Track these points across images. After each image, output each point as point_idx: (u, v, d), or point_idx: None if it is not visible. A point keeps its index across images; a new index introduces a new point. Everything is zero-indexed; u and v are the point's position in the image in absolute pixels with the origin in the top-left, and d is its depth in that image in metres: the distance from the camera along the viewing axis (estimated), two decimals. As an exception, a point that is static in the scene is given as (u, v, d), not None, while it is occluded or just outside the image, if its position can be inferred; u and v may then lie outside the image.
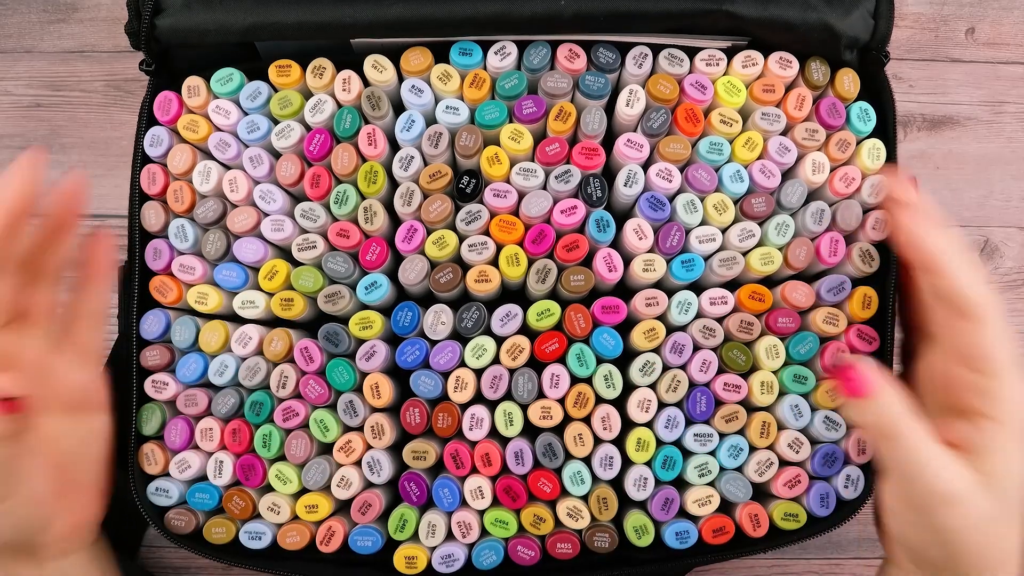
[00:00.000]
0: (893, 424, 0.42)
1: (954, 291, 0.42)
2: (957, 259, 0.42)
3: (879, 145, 0.52)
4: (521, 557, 0.52)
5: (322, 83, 0.51)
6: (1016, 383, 0.42)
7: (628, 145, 0.50)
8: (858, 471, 0.53)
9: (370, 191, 0.50)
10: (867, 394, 0.42)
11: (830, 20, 0.49)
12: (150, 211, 0.52)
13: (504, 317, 0.50)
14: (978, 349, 0.42)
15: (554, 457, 0.51)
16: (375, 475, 0.51)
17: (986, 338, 0.42)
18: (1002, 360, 0.42)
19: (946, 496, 0.41)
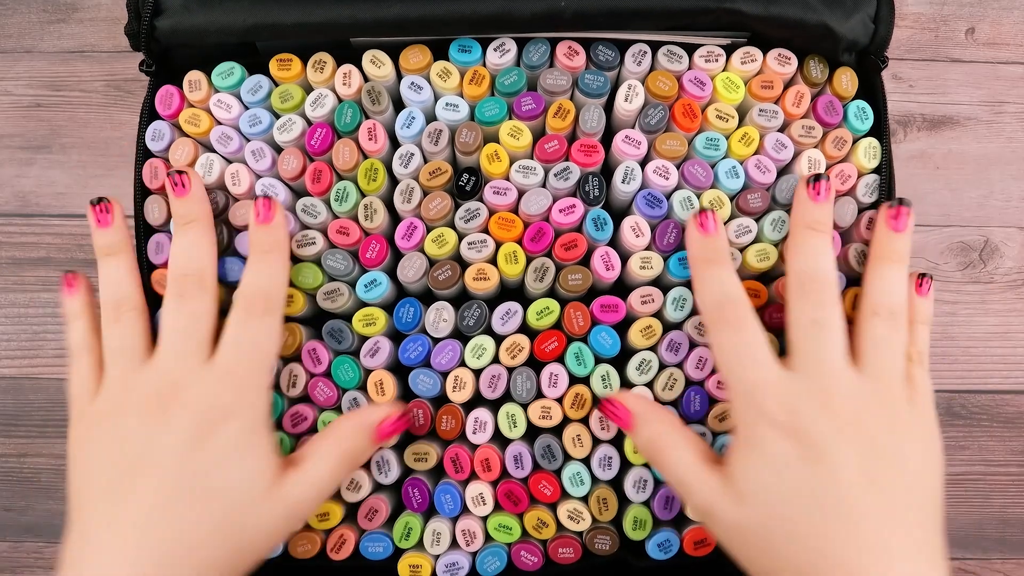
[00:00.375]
0: (656, 449, 0.46)
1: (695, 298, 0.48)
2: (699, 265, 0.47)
3: (875, 144, 0.52)
4: (524, 562, 0.52)
5: (323, 77, 0.51)
6: (733, 386, 0.45)
7: (626, 142, 0.50)
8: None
9: (370, 188, 0.50)
10: (630, 425, 0.47)
11: (830, 23, 0.49)
12: (152, 205, 0.52)
13: (504, 315, 0.50)
14: (717, 364, 0.46)
15: (553, 459, 0.51)
16: (383, 475, 0.51)
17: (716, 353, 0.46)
18: (718, 367, 0.46)
19: (703, 510, 0.45)
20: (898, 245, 0.47)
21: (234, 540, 0.43)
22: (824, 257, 0.46)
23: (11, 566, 0.68)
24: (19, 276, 0.70)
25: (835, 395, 0.43)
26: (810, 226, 0.46)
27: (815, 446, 0.42)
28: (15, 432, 0.69)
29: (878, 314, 0.45)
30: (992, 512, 0.68)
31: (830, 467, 0.42)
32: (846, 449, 0.42)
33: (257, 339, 0.46)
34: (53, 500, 0.68)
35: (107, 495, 0.42)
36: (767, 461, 0.43)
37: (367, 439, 0.47)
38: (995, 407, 0.69)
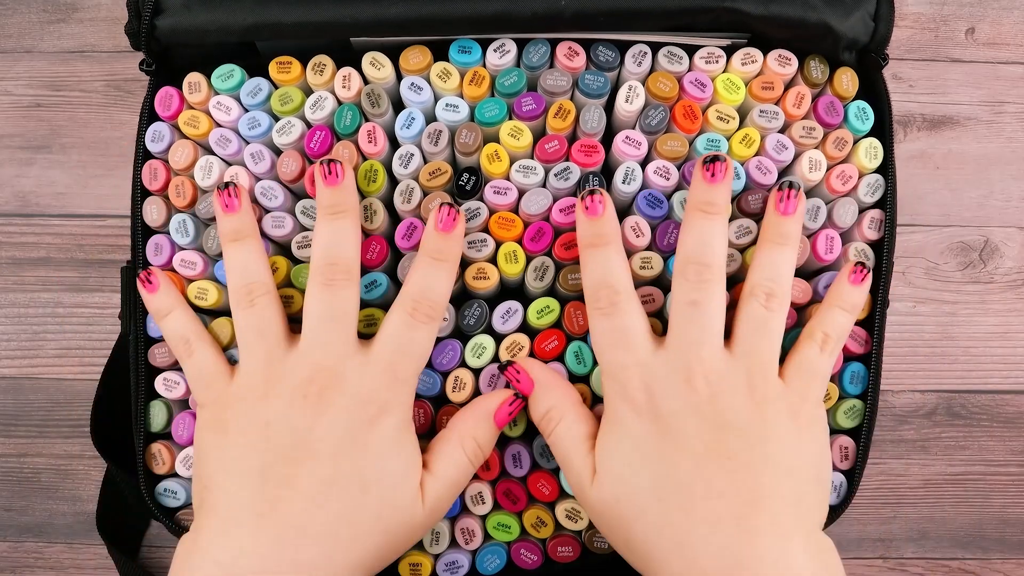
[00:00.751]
0: (549, 420, 0.47)
1: None
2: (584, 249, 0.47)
3: (876, 144, 0.52)
4: (524, 561, 0.52)
5: (322, 80, 0.51)
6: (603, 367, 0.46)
7: (626, 142, 0.50)
8: (841, 477, 0.53)
9: (370, 190, 0.50)
10: (528, 391, 0.48)
11: (830, 21, 0.49)
12: (151, 207, 0.52)
13: (505, 314, 0.50)
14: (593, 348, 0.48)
15: (551, 458, 0.51)
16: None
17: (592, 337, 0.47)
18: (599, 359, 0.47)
19: (574, 487, 0.46)
20: (785, 228, 0.46)
21: (385, 534, 0.44)
22: (712, 239, 0.45)
23: (11, 566, 0.68)
24: (19, 276, 0.69)
25: (697, 373, 0.43)
26: (700, 208, 0.46)
27: (668, 424, 0.43)
28: (15, 432, 0.69)
29: (754, 295, 0.45)
30: (992, 512, 0.68)
31: (682, 443, 0.42)
32: (698, 425, 0.42)
33: (416, 341, 0.46)
34: (53, 500, 0.68)
35: (258, 481, 0.42)
36: (622, 440, 0.44)
37: (489, 426, 0.48)
38: (995, 407, 0.69)
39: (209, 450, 0.45)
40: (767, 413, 0.43)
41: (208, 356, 0.47)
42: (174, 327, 0.49)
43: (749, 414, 0.43)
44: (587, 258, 0.46)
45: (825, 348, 0.46)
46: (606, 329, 0.45)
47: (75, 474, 0.68)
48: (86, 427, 0.55)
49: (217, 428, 0.45)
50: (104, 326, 0.68)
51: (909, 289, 0.69)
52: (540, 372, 0.48)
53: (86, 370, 0.69)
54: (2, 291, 0.69)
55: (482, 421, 0.48)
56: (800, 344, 0.47)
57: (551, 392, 0.48)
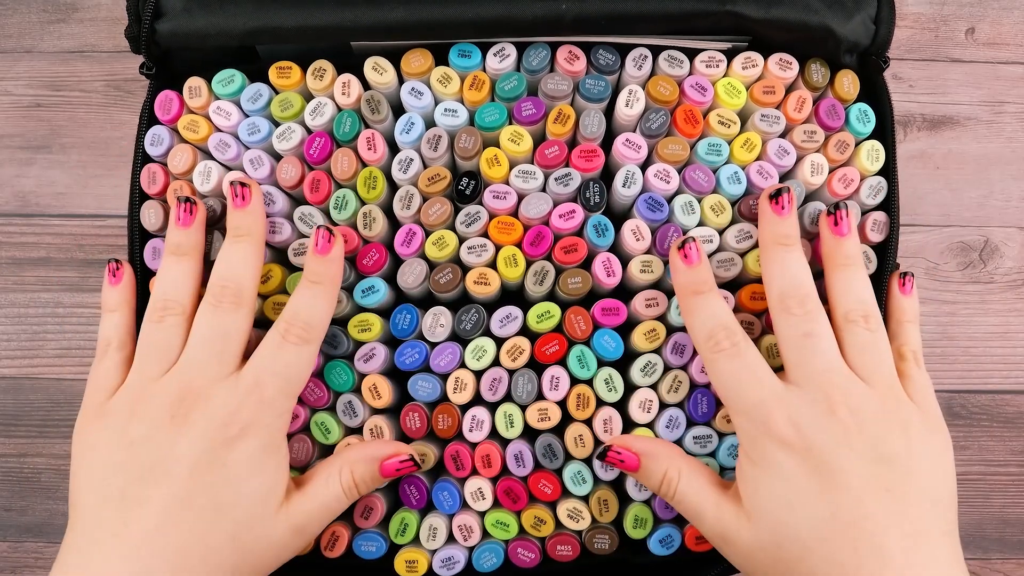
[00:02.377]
0: (667, 483, 0.47)
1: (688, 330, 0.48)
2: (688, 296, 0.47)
3: (878, 146, 0.52)
4: (521, 559, 0.52)
5: (322, 85, 0.51)
6: (737, 408, 0.45)
7: (626, 145, 0.50)
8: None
9: (370, 197, 0.50)
10: (637, 466, 0.47)
11: (831, 24, 0.49)
12: (149, 210, 0.51)
13: (504, 319, 0.50)
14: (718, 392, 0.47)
15: (554, 458, 0.51)
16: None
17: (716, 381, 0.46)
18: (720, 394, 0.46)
19: (719, 537, 0.45)
20: (847, 249, 0.47)
21: (241, 555, 0.44)
22: (799, 269, 0.46)
23: (11, 566, 0.68)
24: (19, 276, 0.70)
25: (838, 403, 0.43)
26: (779, 241, 0.46)
27: (822, 459, 0.42)
28: (15, 432, 0.69)
29: (853, 320, 0.45)
30: (992, 512, 0.68)
31: (839, 479, 0.41)
32: (854, 459, 0.42)
33: (289, 363, 0.45)
34: (53, 500, 0.68)
35: (116, 500, 0.42)
36: (775, 479, 0.43)
37: (373, 470, 0.48)
38: (995, 407, 0.69)
39: (79, 464, 0.44)
40: (913, 439, 0.43)
41: (115, 365, 0.47)
42: (108, 327, 0.49)
43: (898, 442, 0.43)
44: (693, 305, 0.46)
45: (919, 363, 0.47)
46: (734, 369, 0.45)
47: (76, 474, 0.68)
48: (87, 428, 0.55)
49: (87, 442, 0.45)
50: (104, 326, 0.69)
51: (909, 289, 0.69)
52: (639, 443, 0.48)
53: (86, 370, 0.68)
54: (2, 291, 0.69)
55: (369, 462, 0.48)
56: (900, 367, 0.47)
57: (658, 458, 0.47)
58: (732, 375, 0.45)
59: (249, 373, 0.45)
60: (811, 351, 0.44)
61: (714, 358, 0.45)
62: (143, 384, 0.45)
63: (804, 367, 0.44)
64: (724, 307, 0.46)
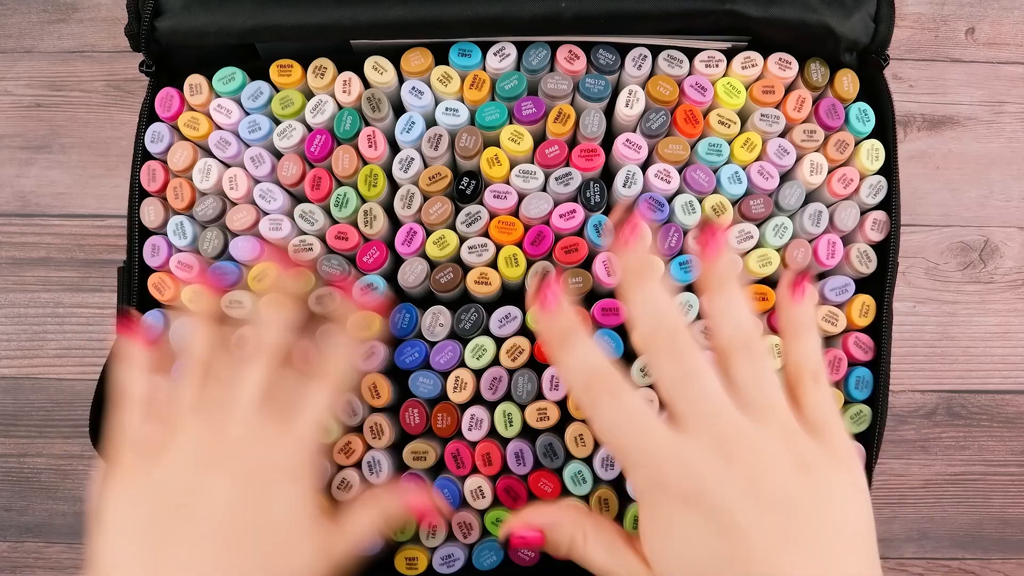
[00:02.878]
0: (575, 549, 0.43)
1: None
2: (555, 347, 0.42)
3: (878, 146, 0.52)
4: (521, 558, 0.52)
5: (323, 83, 0.51)
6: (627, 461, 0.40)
7: (627, 145, 0.50)
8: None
9: (370, 195, 0.50)
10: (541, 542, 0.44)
11: (831, 23, 0.49)
12: (149, 207, 0.52)
13: (503, 319, 0.50)
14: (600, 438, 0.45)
15: (555, 457, 0.51)
16: (374, 475, 0.51)
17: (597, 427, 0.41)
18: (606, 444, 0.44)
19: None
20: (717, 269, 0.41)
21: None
22: (661, 302, 0.40)
23: (11, 566, 0.68)
24: (19, 276, 0.70)
25: (733, 448, 0.39)
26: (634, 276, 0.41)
27: (722, 513, 0.38)
28: (15, 432, 0.69)
29: (734, 351, 0.40)
30: (992, 512, 0.68)
31: (742, 534, 0.38)
32: (756, 512, 0.38)
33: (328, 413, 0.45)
34: (53, 500, 0.68)
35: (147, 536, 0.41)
36: (678, 541, 0.39)
37: (403, 511, 0.47)
38: (995, 407, 0.69)
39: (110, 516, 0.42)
40: (815, 478, 0.39)
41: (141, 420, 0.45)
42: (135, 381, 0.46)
43: (799, 486, 0.38)
44: (563, 350, 0.41)
45: (818, 379, 0.42)
46: (617, 412, 0.40)
47: (75, 474, 0.68)
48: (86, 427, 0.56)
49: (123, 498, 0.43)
50: (104, 326, 0.69)
51: (909, 289, 0.69)
52: (539, 517, 0.44)
53: (86, 370, 0.69)
54: (2, 291, 0.69)
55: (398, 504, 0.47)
56: (797, 391, 0.42)
57: (561, 526, 0.44)
58: (614, 420, 0.40)
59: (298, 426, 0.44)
60: (692, 391, 0.39)
61: (591, 400, 0.40)
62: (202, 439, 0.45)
63: (690, 410, 0.39)
64: (596, 349, 0.41)
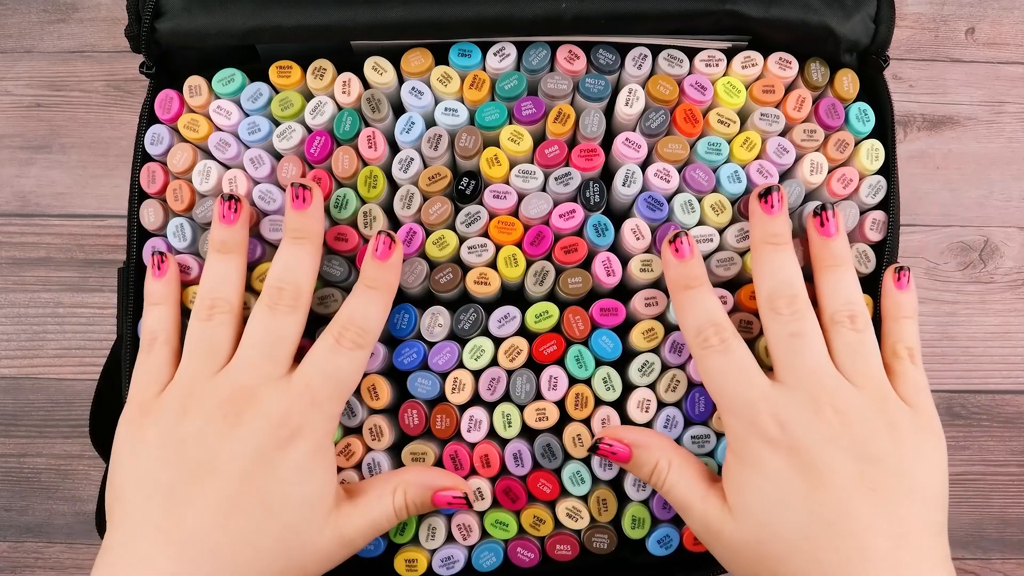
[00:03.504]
0: (657, 474, 0.47)
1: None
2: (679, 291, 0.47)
3: (877, 146, 0.52)
4: (521, 559, 0.52)
5: (323, 84, 0.51)
6: (725, 406, 0.45)
7: (626, 144, 0.50)
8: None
9: (370, 196, 0.50)
10: (627, 458, 0.47)
11: (831, 23, 0.49)
12: (149, 209, 0.52)
13: (502, 319, 0.50)
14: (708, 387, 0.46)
15: (553, 458, 0.51)
16: (374, 475, 0.51)
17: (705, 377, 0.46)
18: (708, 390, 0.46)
19: (705, 530, 0.45)
20: (834, 249, 0.47)
21: (287, 560, 0.43)
22: (789, 269, 0.45)
23: (11, 566, 0.68)
24: (19, 276, 0.70)
25: (825, 403, 0.43)
26: (768, 240, 0.46)
27: (808, 458, 0.42)
28: (15, 432, 0.69)
29: (839, 322, 0.45)
30: (992, 512, 0.68)
31: (825, 478, 0.41)
32: (840, 458, 0.42)
33: (341, 367, 0.45)
34: (53, 500, 0.68)
35: (164, 496, 0.42)
36: (760, 477, 0.43)
37: (426, 496, 0.48)
38: (995, 407, 0.69)
39: (124, 459, 0.44)
40: (902, 439, 0.43)
41: (163, 360, 0.47)
42: (153, 320, 0.48)
43: (885, 442, 0.42)
44: (684, 300, 0.46)
45: (914, 360, 0.46)
46: (723, 366, 0.45)
47: (75, 474, 0.68)
48: (86, 427, 0.56)
49: (135, 436, 0.44)
50: (104, 326, 0.69)
51: (909, 289, 0.69)
52: (631, 435, 0.48)
53: (86, 370, 0.69)
54: (2, 291, 0.69)
55: (424, 487, 0.48)
56: (894, 365, 0.46)
57: (650, 449, 0.47)
58: (722, 372, 0.45)
59: (301, 376, 0.45)
60: (798, 351, 0.44)
61: (703, 355, 0.45)
62: (194, 381, 0.45)
63: (792, 367, 0.44)
64: (715, 303, 0.46)
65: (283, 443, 0.43)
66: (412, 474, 0.48)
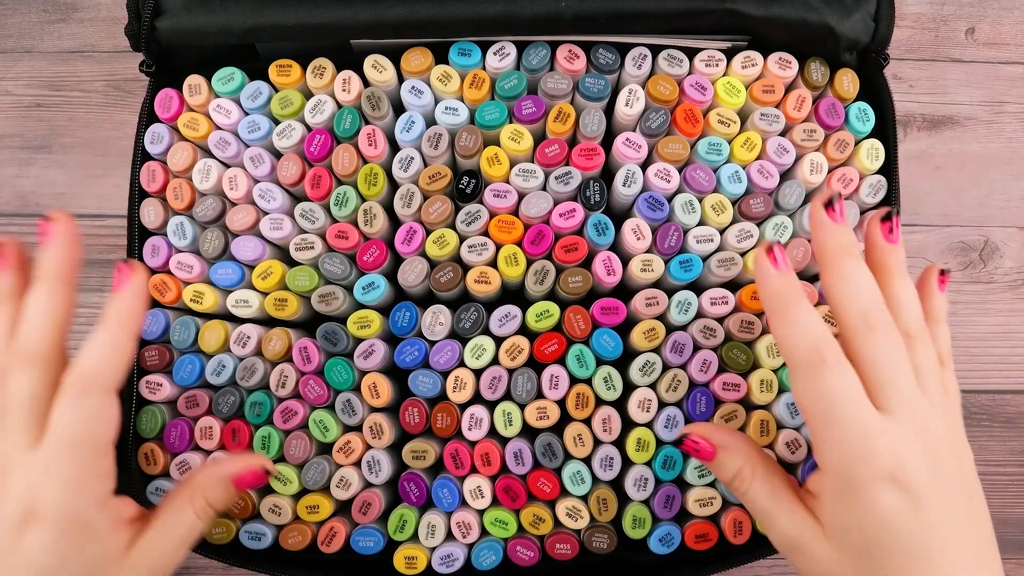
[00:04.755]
0: (740, 479, 0.45)
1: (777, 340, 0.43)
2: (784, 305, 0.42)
3: (877, 145, 0.52)
4: (520, 557, 0.52)
5: (322, 83, 0.51)
6: (835, 433, 0.40)
7: (626, 145, 0.50)
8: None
9: (370, 193, 0.50)
10: (711, 457, 0.45)
11: (831, 22, 0.49)
12: (149, 208, 0.52)
13: (503, 318, 0.50)
14: (796, 399, 0.42)
15: (554, 457, 0.51)
16: (374, 475, 0.51)
17: (795, 389, 0.42)
18: (811, 411, 0.41)
19: (789, 544, 0.43)
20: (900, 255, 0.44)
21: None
22: (871, 283, 0.42)
23: (11, 566, 0.68)
24: (19, 276, 0.69)
25: (929, 436, 0.40)
26: (846, 251, 0.42)
27: (919, 494, 0.39)
28: (15, 432, 0.69)
29: (915, 337, 0.42)
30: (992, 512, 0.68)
31: (930, 514, 0.39)
32: (942, 493, 0.40)
33: (73, 423, 0.40)
34: (53, 500, 0.68)
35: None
36: (869, 513, 0.40)
37: (226, 489, 0.46)
38: (995, 407, 0.69)
39: None
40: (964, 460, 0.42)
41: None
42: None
43: (963, 467, 0.41)
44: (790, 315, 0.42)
45: (947, 365, 0.44)
46: (835, 387, 0.40)
47: (75, 474, 0.68)
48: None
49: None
50: (104, 326, 0.68)
51: (909, 289, 0.69)
52: (718, 435, 0.46)
53: (86, 370, 0.68)
54: (2, 291, 0.69)
55: (219, 481, 0.46)
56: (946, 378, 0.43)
57: (735, 453, 0.45)
58: (831, 393, 0.40)
59: (41, 444, 0.40)
60: (901, 375, 0.41)
61: (812, 371, 0.41)
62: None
63: (897, 393, 0.41)
64: (820, 318, 0.42)
65: (21, 529, 0.39)
66: (202, 475, 0.46)
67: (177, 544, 0.44)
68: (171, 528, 0.44)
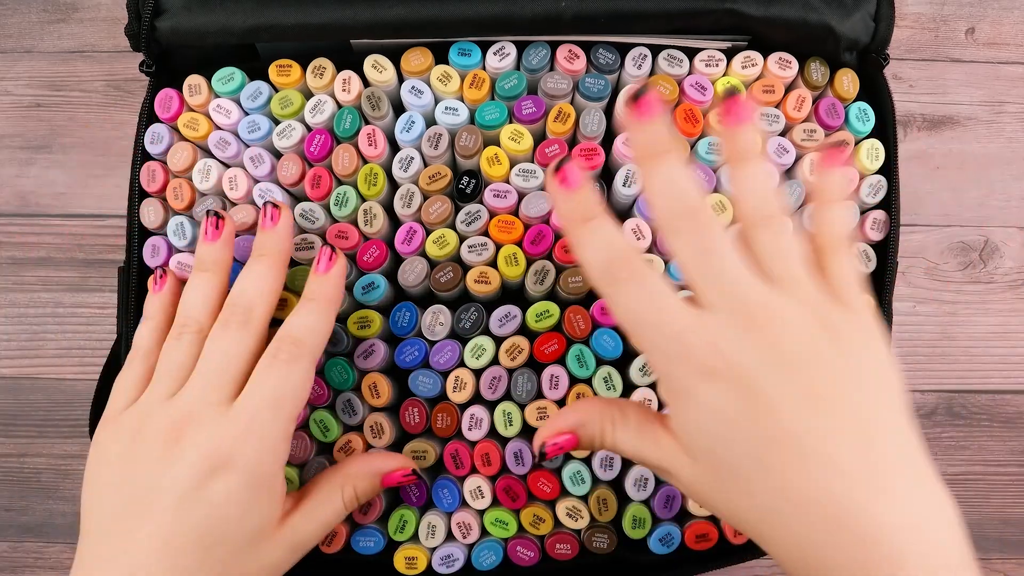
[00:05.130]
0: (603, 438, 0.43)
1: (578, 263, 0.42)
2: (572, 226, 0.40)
3: (878, 145, 0.52)
4: (520, 558, 0.52)
5: (322, 83, 0.51)
6: (651, 341, 0.39)
7: (627, 145, 0.50)
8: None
9: (370, 193, 0.50)
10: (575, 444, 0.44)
11: (831, 22, 0.49)
12: (149, 208, 0.52)
13: (503, 318, 0.50)
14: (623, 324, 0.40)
15: (554, 458, 0.51)
16: (374, 475, 0.52)
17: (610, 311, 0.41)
18: (628, 328, 0.39)
19: (661, 472, 0.41)
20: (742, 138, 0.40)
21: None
22: (680, 180, 0.38)
23: (11, 566, 0.68)
24: (19, 276, 0.70)
25: (754, 317, 0.38)
26: (651, 154, 0.38)
27: (746, 381, 0.37)
28: (15, 432, 0.69)
29: (755, 225, 0.40)
30: (992, 512, 0.68)
31: (766, 396, 0.37)
32: (777, 372, 0.37)
33: (278, 386, 0.43)
34: (53, 500, 0.68)
35: (111, 522, 0.41)
36: (704, 413, 0.38)
37: (375, 483, 0.48)
38: (995, 407, 0.69)
39: (91, 468, 0.44)
40: (840, 340, 0.38)
41: (137, 375, 0.46)
42: (141, 333, 0.48)
43: (824, 347, 0.38)
44: (579, 234, 0.40)
45: (837, 250, 0.41)
46: (639, 298, 0.38)
47: (75, 474, 0.68)
48: (86, 427, 0.56)
49: (101, 447, 0.44)
50: (104, 326, 0.69)
51: (909, 289, 0.69)
52: (568, 419, 0.44)
53: (86, 370, 0.69)
54: (2, 291, 0.69)
55: (371, 476, 0.47)
56: (823, 260, 0.41)
57: (590, 422, 0.43)
58: (638, 305, 0.38)
59: (240, 401, 0.43)
60: (711, 267, 0.38)
61: (613, 292, 0.39)
62: (151, 404, 0.44)
63: (709, 285, 0.38)
64: (619, 232, 0.39)
65: (214, 476, 0.41)
66: (357, 466, 0.48)
67: (322, 527, 0.46)
68: (320, 511, 0.46)
